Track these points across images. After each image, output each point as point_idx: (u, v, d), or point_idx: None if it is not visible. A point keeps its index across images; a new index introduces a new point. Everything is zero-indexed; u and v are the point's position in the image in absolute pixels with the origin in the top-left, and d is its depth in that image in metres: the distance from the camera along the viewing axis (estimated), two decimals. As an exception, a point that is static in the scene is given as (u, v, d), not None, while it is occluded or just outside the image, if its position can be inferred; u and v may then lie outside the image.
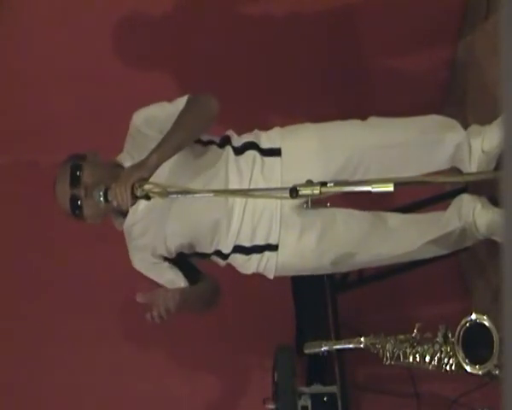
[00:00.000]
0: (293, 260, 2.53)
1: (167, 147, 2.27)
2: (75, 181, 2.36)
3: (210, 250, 2.53)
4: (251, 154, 2.50)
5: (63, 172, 2.40)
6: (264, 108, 3.44)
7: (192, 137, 2.42)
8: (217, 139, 2.54)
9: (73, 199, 2.35)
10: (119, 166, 2.43)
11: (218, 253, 2.53)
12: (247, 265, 2.55)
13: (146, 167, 2.21)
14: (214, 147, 2.51)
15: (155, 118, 2.46)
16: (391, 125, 2.60)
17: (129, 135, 2.51)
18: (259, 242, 2.49)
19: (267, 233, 2.48)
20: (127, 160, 2.43)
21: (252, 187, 2.46)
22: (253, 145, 2.52)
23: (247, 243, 2.49)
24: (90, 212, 2.37)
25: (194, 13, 3.33)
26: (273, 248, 2.50)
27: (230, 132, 2.57)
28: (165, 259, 2.54)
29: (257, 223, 2.46)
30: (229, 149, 2.51)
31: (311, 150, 2.52)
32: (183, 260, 2.56)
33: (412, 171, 2.55)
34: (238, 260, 2.54)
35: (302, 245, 2.50)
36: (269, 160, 2.50)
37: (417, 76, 3.46)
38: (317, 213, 2.49)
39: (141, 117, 2.50)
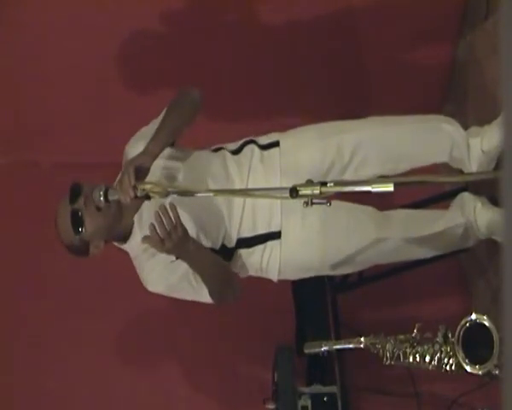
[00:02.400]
0: (297, 246, 2.50)
1: (161, 134, 2.30)
2: (74, 195, 2.31)
3: (216, 246, 2.48)
4: (249, 147, 2.53)
5: (63, 200, 2.35)
6: (263, 110, 3.44)
7: (183, 121, 2.43)
8: (211, 148, 2.58)
9: (74, 213, 2.30)
10: None
11: (224, 249, 2.50)
12: (251, 260, 2.51)
13: (144, 155, 2.22)
14: (208, 151, 2.54)
15: (144, 134, 2.45)
16: (389, 119, 2.63)
17: (123, 163, 2.47)
18: (261, 230, 2.47)
19: (268, 220, 2.46)
20: None
21: (251, 175, 2.47)
22: (250, 141, 2.56)
23: (249, 234, 2.47)
24: (92, 226, 2.31)
25: (193, 17, 3.33)
26: (276, 235, 2.48)
27: (225, 145, 2.59)
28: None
29: (257, 210, 2.45)
30: (224, 151, 2.54)
31: (308, 137, 2.56)
32: None
33: (410, 161, 2.57)
34: (242, 257, 2.52)
35: (306, 228, 2.48)
36: (268, 152, 2.53)
37: (417, 76, 3.47)
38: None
39: (130, 141, 2.52)
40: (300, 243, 2.50)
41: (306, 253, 2.52)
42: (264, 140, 2.57)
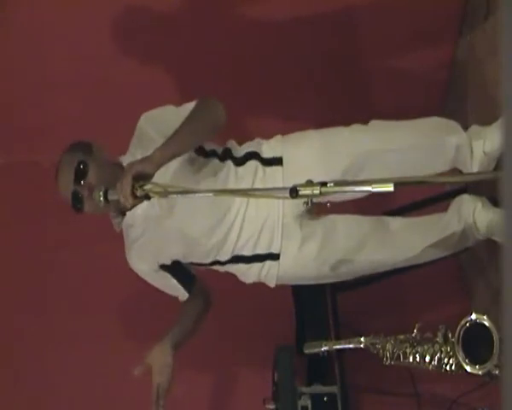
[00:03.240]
0: (294, 268, 2.52)
1: (172, 145, 2.24)
2: (79, 178, 2.36)
3: (207, 261, 2.53)
4: (252, 164, 2.50)
5: (68, 164, 2.39)
6: (265, 113, 3.44)
7: (198, 140, 2.41)
8: (219, 150, 2.53)
9: (76, 194, 2.35)
10: (122, 167, 2.41)
11: (216, 262, 2.53)
12: (248, 273, 2.54)
13: (149, 162, 2.18)
14: (216, 160, 2.50)
15: (161, 120, 2.44)
16: (392, 129, 2.59)
17: (134, 136, 2.51)
18: (261, 251, 2.48)
19: (269, 243, 2.47)
20: (129, 160, 2.42)
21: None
22: (254, 155, 2.51)
23: (247, 253, 2.48)
24: (91, 209, 2.37)
25: (196, 19, 3.33)
26: (275, 257, 2.49)
27: (231, 144, 2.56)
28: (161, 266, 2.54)
29: (259, 233, 2.45)
30: (229, 163, 2.49)
31: (312, 157, 2.50)
32: (179, 267, 2.57)
33: (414, 173, 2.55)
34: (239, 269, 2.54)
35: (303, 254, 2.49)
36: (270, 169, 2.49)
37: (417, 76, 3.46)
38: (317, 221, 2.49)
39: (147, 118, 2.49)
40: (297, 266, 2.53)
41: (303, 273, 2.56)
42: (267, 152, 2.52)
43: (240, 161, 2.50)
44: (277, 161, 2.50)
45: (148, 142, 2.38)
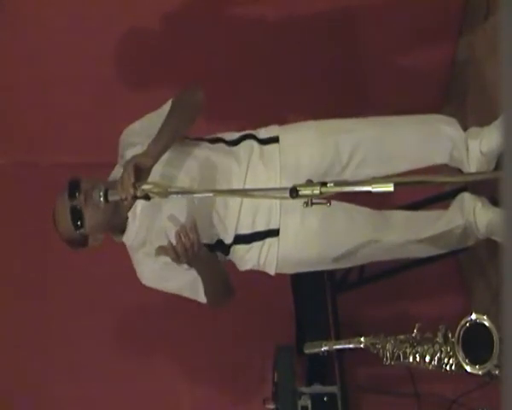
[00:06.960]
0: (295, 245, 2.50)
1: (163, 137, 2.28)
2: (73, 193, 2.33)
3: (212, 241, 2.50)
4: (248, 143, 2.52)
5: (61, 194, 2.37)
6: (265, 112, 3.44)
7: (186, 123, 2.42)
8: (208, 137, 2.56)
9: (74, 209, 2.33)
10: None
11: (220, 244, 2.51)
12: (248, 256, 2.52)
13: (146, 156, 2.20)
14: (206, 143, 2.53)
15: (142, 126, 2.47)
16: (389, 121, 2.62)
17: (119, 154, 2.51)
18: (260, 228, 2.48)
19: (267, 218, 2.46)
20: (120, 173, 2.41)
21: (250, 172, 2.46)
22: (249, 136, 2.55)
23: (247, 231, 2.47)
24: (92, 220, 2.34)
25: (193, 13, 3.33)
26: (274, 233, 2.48)
27: (222, 134, 2.58)
28: None
29: (256, 209, 2.45)
30: (222, 145, 2.52)
31: (308, 136, 2.55)
32: None
33: (410, 162, 2.57)
34: (239, 252, 2.51)
35: (305, 228, 2.48)
36: (267, 147, 2.52)
37: (417, 76, 3.47)
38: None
39: (127, 131, 2.52)
40: (298, 242, 2.50)
41: (304, 251, 2.52)
42: (263, 134, 2.56)
43: (233, 143, 2.53)
44: (274, 140, 2.53)
45: (134, 150, 2.37)
